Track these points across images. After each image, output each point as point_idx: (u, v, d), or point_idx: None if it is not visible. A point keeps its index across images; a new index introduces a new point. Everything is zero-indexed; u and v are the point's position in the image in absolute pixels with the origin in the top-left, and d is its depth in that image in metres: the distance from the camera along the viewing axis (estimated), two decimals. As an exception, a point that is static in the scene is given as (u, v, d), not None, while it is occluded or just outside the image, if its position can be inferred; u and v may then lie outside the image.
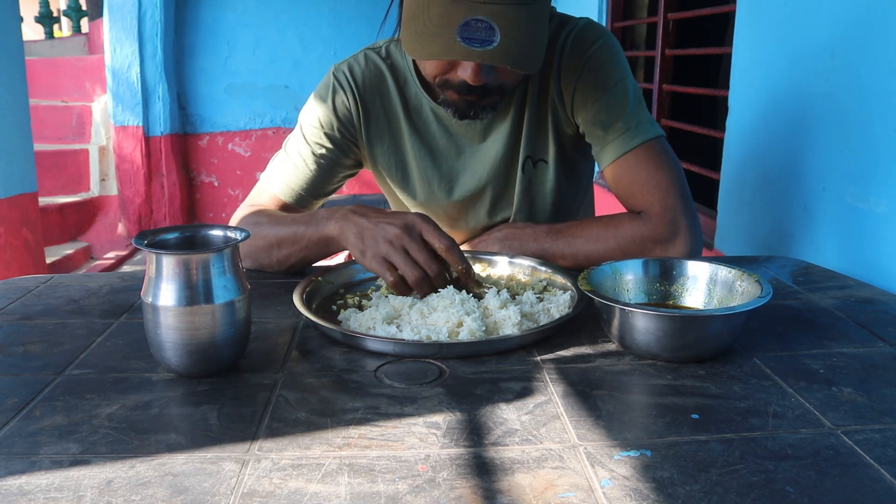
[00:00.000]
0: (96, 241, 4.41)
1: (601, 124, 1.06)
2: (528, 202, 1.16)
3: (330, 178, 1.15)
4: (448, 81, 0.97)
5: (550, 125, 1.11)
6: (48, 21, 6.47)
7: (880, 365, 0.74)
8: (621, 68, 1.07)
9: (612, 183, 1.07)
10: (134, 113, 4.37)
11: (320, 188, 1.15)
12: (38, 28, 6.78)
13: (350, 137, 1.14)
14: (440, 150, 1.14)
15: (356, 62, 1.14)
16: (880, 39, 1.14)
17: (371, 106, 1.13)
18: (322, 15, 4.71)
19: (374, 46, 1.15)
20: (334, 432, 0.61)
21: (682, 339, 0.73)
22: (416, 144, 1.14)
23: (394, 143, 1.15)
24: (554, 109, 1.11)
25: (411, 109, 1.13)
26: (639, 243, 1.01)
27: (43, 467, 0.56)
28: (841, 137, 1.24)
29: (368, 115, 1.13)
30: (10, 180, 2.49)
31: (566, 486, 0.53)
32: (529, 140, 1.12)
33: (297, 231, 1.01)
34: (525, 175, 1.13)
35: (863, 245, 1.18)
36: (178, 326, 0.68)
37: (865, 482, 0.53)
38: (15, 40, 2.52)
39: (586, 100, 1.06)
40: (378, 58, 1.13)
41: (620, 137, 1.04)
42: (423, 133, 1.14)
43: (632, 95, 1.06)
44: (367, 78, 1.12)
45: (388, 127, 1.14)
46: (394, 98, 1.12)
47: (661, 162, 1.04)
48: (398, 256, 0.88)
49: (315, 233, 0.99)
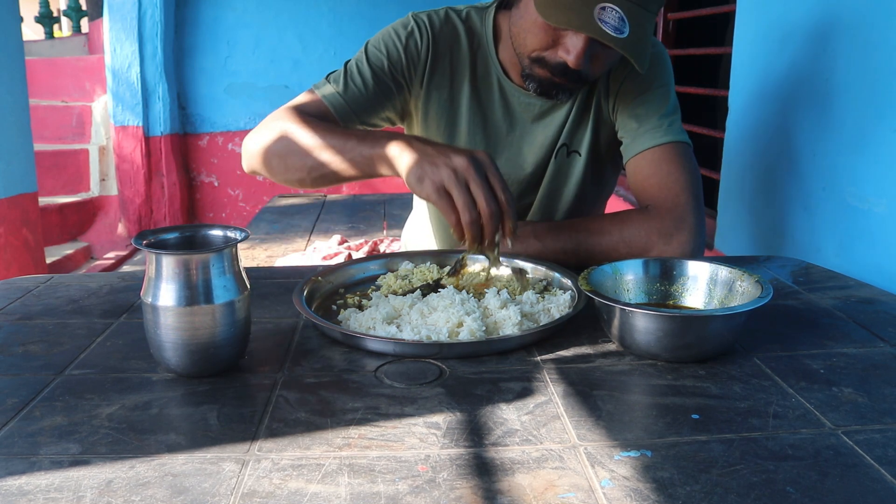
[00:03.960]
0: (96, 241, 4.41)
1: (636, 118, 1.10)
2: (554, 191, 1.19)
3: (376, 106, 1.14)
4: (544, 59, 1.00)
5: (591, 119, 1.16)
6: (48, 21, 6.47)
7: (881, 365, 0.74)
8: (667, 76, 1.14)
9: (632, 174, 1.11)
10: (134, 113, 4.36)
11: (366, 112, 1.13)
12: (38, 28, 6.77)
13: (408, 78, 1.15)
14: (494, 122, 1.16)
15: (436, 14, 1.16)
16: (880, 39, 1.14)
17: (441, 56, 1.14)
18: (322, 15, 4.70)
19: (455, 8, 1.18)
20: (334, 432, 0.61)
21: (682, 340, 0.73)
22: (472, 108, 1.16)
23: (451, 99, 1.16)
24: (598, 104, 1.15)
25: (478, 74, 1.15)
26: (643, 235, 1.02)
27: (43, 467, 0.56)
28: (841, 137, 1.24)
29: (435, 65, 1.14)
30: (10, 180, 2.48)
31: (566, 486, 0.53)
32: (570, 130, 1.15)
33: (347, 141, 0.97)
34: (556, 162, 1.17)
35: (863, 245, 1.18)
36: (178, 326, 0.68)
37: (866, 482, 0.53)
38: (15, 40, 2.51)
39: (629, 94, 1.11)
40: (457, 18, 1.16)
41: (651, 132, 1.09)
42: (484, 100, 1.16)
43: (671, 101, 1.12)
44: (443, 30, 1.15)
45: (451, 82, 1.16)
46: (464, 58, 1.15)
47: (683, 164, 1.07)
48: (458, 189, 0.83)
49: (369, 148, 0.95)
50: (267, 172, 1.09)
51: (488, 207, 0.83)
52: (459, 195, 0.83)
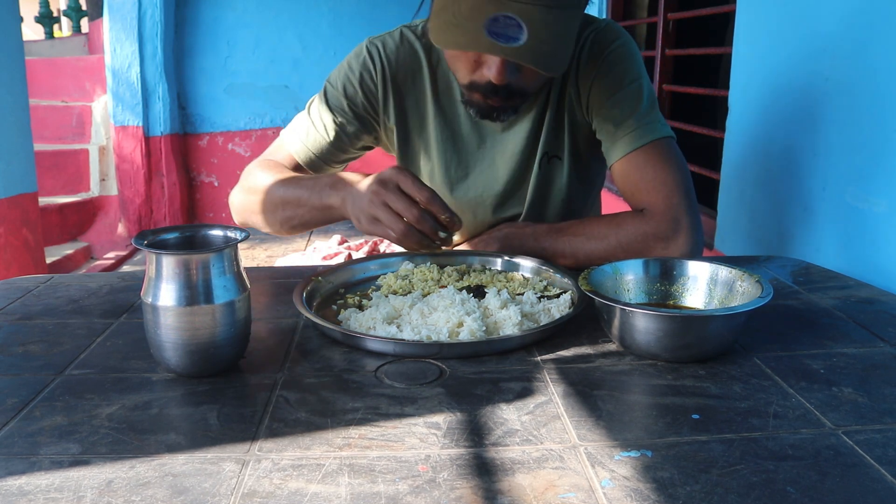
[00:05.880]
0: (96, 241, 4.41)
1: (613, 121, 1.07)
2: (540, 198, 1.17)
3: (345, 148, 1.16)
4: (474, 83, 0.98)
5: (567, 122, 1.13)
6: (48, 21, 6.47)
7: (881, 365, 0.74)
8: (637, 69, 1.09)
9: (618, 179, 1.08)
10: (134, 113, 4.37)
11: (334, 155, 1.16)
12: (38, 28, 6.77)
13: (371, 112, 1.15)
14: (463, 136, 1.15)
15: (391, 38, 1.14)
16: (880, 39, 1.14)
17: (401, 80, 1.14)
18: (322, 15, 4.71)
19: (410, 25, 1.16)
20: (334, 432, 0.61)
21: (682, 340, 0.73)
22: (440, 125, 1.14)
23: (420, 118, 1.16)
24: (571, 106, 1.12)
25: (440, 91, 1.14)
26: (640, 240, 1.01)
27: (43, 467, 0.55)
28: (841, 137, 1.24)
29: (396, 90, 1.14)
30: (10, 180, 2.49)
31: (567, 486, 0.53)
32: (548, 136, 1.13)
33: (301, 195, 1.02)
34: (541, 171, 1.15)
35: (863, 245, 1.18)
36: (178, 326, 0.68)
37: (866, 482, 0.53)
38: (15, 40, 2.51)
39: (601, 97, 1.08)
40: (413, 36, 1.14)
41: (631, 134, 1.05)
42: (449, 115, 1.15)
43: (646, 95, 1.08)
44: (400, 55, 1.13)
45: (416, 103, 1.15)
46: (425, 78, 1.13)
47: (669, 161, 1.05)
48: (381, 211, 0.89)
49: (318, 201, 1.00)
50: (256, 227, 1.15)
51: (410, 214, 0.88)
52: (383, 215, 0.89)
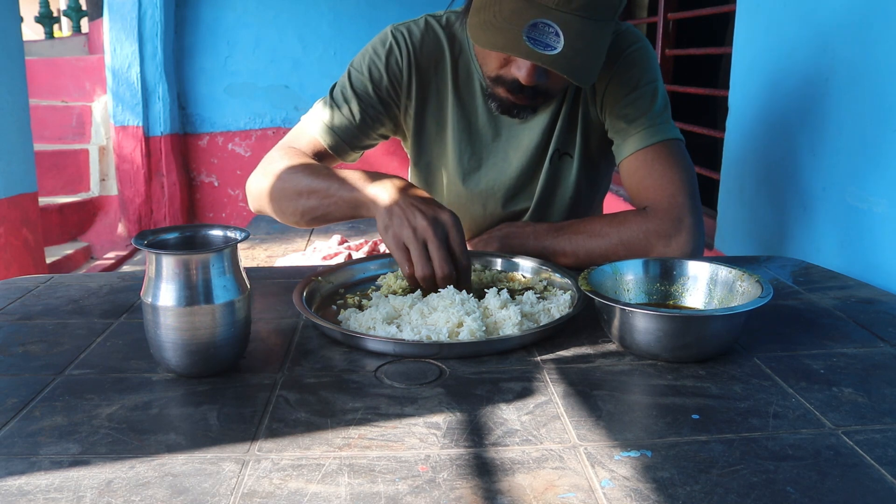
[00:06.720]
0: (96, 241, 4.41)
1: (626, 118, 1.08)
2: (548, 195, 1.18)
3: (368, 133, 1.16)
4: (501, 77, 0.99)
5: (580, 120, 1.14)
6: (48, 21, 6.46)
7: (881, 365, 0.74)
8: (653, 72, 1.11)
9: (625, 176, 1.10)
10: (134, 113, 4.36)
11: (359, 140, 1.15)
12: (38, 28, 6.77)
13: (394, 96, 1.15)
14: (479, 128, 1.16)
15: (416, 26, 1.15)
16: (880, 39, 1.14)
17: (424, 68, 1.14)
18: (322, 15, 4.70)
19: (435, 15, 1.17)
20: (334, 433, 0.61)
21: (682, 340, 0.73)
22: (457, 115, 1.15)
23: (438, 108, 1.16)
24: (585, 105, 1.14)
25: (461, 80, 1.15)
26: (642, 237, 1.02)
27: (43, 468, 0.56)
28: (841, 137, 1.24)
29: (419, 77, 1.14)
30: (10, 180, 2.48)
31: (566, 486, 0.53)
32: (561, 133, 1.14)
33: (330, 186, 1.00)
34: (551, 167, 1.16)
35: (863, 245, 1.18)
36: (178, 326, 0.68)
37: (866, 483, 0.53)
38: (15, 40, 2.51)
39: (616, 95, 1.09)
40: (438, 25, 1.15)
41: (642, 132, 1.07)
42: (467, 105, 1.15)
43: (660, 98, 1.10)
44: (424, 42, 1.13)
45: (437, 92, 1.15)
46: (447, 68, 1.14)
47: (677, 162, 1.06)
48: (415, 247, 0.88)
49: (349, 193, 0.98)
50: (270, 214, 1.13)
51: (441, 271, 0.87)
52: (415, 252, 0.88)
